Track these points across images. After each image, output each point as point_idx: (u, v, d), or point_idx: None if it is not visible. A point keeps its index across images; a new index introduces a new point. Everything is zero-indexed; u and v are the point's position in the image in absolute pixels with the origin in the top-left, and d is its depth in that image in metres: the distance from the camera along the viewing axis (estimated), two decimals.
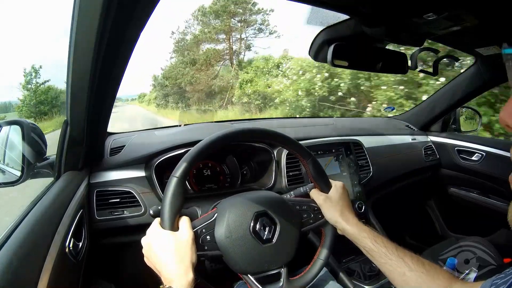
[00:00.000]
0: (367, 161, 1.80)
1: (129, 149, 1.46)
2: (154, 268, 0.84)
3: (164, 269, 0.79)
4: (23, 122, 1.11)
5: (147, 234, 0.86)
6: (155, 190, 1.30)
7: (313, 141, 1.66)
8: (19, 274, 0.71)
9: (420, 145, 2.25)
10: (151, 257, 0.83)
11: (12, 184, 1.11)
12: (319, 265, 1.02)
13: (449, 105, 2.14)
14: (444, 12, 0.80)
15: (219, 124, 2.05)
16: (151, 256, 0.84)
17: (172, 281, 0.77)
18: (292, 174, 1.53)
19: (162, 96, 26.31)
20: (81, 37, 0.71)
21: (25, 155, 1.11)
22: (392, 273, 0.90)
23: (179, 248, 0.80)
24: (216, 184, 1.53)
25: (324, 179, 1.07)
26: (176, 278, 0.77)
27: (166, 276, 0.79)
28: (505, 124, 0.41)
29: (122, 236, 1.31)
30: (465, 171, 2.14)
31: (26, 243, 0.78)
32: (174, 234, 0.82)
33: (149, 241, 0.85)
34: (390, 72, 1.07)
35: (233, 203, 0.95)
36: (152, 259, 0.83)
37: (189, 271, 0.79)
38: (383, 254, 0.92)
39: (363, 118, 3.66)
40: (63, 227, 0.93)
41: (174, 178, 0.86)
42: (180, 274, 0.77)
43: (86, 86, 0.85)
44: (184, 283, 0.77)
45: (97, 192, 1.25)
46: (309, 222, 1.03)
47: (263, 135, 1.04)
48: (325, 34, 0.94)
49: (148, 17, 0.69)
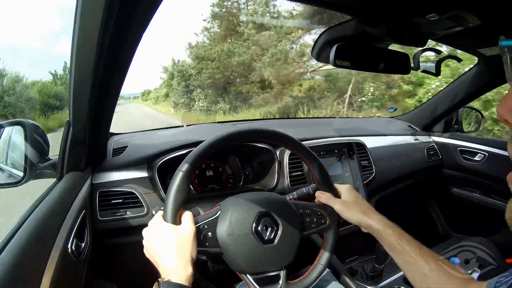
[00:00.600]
0: (369, 161, 1.80)
1: (132, 149, 1.46)
2: (152, 260, 0.84)
3: (163, 262, 0.79)
4: (25, 123, 1.11)
5: (149, 225, 0.86)
6: (158, 191, 1.30)
7: (315, 141, 1.66)
8: (22, 275, 0.71)
9: (422, 146, 2.25)
10: (151, 248, 0.83)
11: (14, 185, 1.12)
12: (319, 270, 1.02)
13: (452, 105, 2.13)
14: (446, 13, 0.79)
15: (222, 124, 2.05)
16: (151, 247, 0.84)
17: (170, 274, 0.76)
18: (294, 175, 1.53)
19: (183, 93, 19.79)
20: (84, 37, 0.71)
21: (28, 155, 1.11)
22: (414, 273, 0.89)
23: (180, 242, 0.80)
24: (218, 184, 1.53)
25: (328, 183, 1.07)
26: (175, 272, 0.76)
27: (164, 269, 0.78)
28: (503, 119, 0.41)
29: (125, 237, 1.31)
30: (467, 171, 2.14)
31: (29, 244, 0.78)
32: (176, 227, 0.82)
33: (150, 232, 0.85)
34: (392, 72, 1.07)
35: (237, 202, 0.95)
36: (152, 251, 0.83)
37: (189, 265, 0.78)
38: (406, 253, 0.90)
39: (366, 119, 3.66)
40: (66, 228, 0.93)
41: (180, 172, 0.86)
42: (179, 268, 0.77)
43: (88, 87, 0.85)
44: (183, 277, 0.76)
45: (99, 192, 1.25)
46: (311, 226, 1.02)
47: (272, 136, 1.04)
48: (327, 35, 0.94)
49: (151, 16, 0.69)
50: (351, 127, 2.27)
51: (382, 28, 0.90)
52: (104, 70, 0.81)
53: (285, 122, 2.52)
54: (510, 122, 0.39)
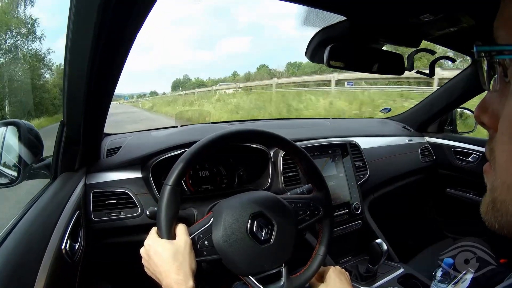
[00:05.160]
0: (363, 162, 1.81)
1: (126, 150, 1.46)
2: (154, 277, 0.84)
3: (163, 278, 0.79)
4: (19, 123, 1.11)
5: (145, 244, 0.86)
6: (152, 191, 1.29)
7: (309, 142, 1.66)
8: (16, 275, 0.71)
9: (416, 146, 2.26)
10: (151, 266, 0.84)
11: (8, 185, 1.11)
12: (319, 261, 1.02)
13: (446, 106, 2.15)
14: (440, 13, 0.80)
15: (215, 125, 2.04)
16: (150, 265, 0.84)
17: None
18: (288, 175, 1.54)
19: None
20: (78, 36, 0.71)
21: (22, 156, 1.11)
22: None
23: (177, 256, 0.80)
24: (212, 185, 1.53)
25: (318, 177, 1.08)
26: (176, 286, 0.77)
27: (166, 285, 0.79)
28: (480, 121, 0.41)
29: (119, 237, 1.31)
30: (461, 172, 2.15)
31: (23, 244, 0.78)
32: (171, 242, 0.82)
33: (147, 251, 0.85)
34: (387, 73, 1.08)
35: (228, 205, 0.95)
36: (152, 268, 0.84)
37: (189, 278, 0.78)
38: None
39: (360, 119, 3.66)
40: (60, 228, 0.93)
41: (167, 186, 0.85)
42: (179, 282, 0.77)
43: (82, 86, 0.85)
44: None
45: (93, 193, 1.25)
46: (305, 219, 1.03)
47: (253, 136, 1.04)
48: (321, 35, 0.95)
49: (146, 15, 0.69)
50: (345, 127, 2.28)
51: (376, 28, 0.91)
52: (98, 70, 0.81)
53: (278, 123, 2.52)
54: (487, 124, 0.40)
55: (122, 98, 64.23)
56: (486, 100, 0.41)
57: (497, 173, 0.37)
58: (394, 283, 1.47)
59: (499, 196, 0.36)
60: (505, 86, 0.36)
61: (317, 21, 0.90)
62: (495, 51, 0.38)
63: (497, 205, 0.37)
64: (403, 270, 1.57)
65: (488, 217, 0.39)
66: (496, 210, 0.37)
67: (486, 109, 0.40)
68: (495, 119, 0.38)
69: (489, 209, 0.38)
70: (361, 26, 0.90)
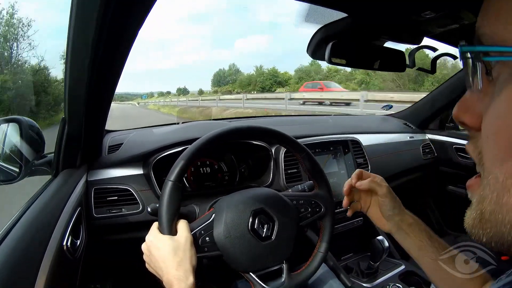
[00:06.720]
0: (365, 159, 1.80)
1: (127, 147, 1.46)
2: (155, 273, 0.84)
3: (164, 273, 0.80)
4: (21, 120, 1.11)
5: (146, 240, 0.87)
6: (153, 188, 1.30)
7: (310, 139, 1.66)
8: (17, 272, 0.71)
9: (418, 143, 2.26)
10: (152, 262, 0.84)
11: (10, 182, 1.11)
12: (320, 258, 1.03)
13: (447, 103, 2.15)
14: (442, 10, 0.80)
15: (216, 122, 2.04)
16: (151, 261, 0.84)
17: (172, 285, 0.77)
18: (290, 172, 1.53)
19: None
20: (79, 33, 0.70)
21: (23, 152, 1.10)
22: (438, 271, 0.87)
23: (178, 252, 0.80)
24: (214, 182, 1.53)
25: (319, 174, 1.08)
26: (176, 283, 0.77)
27: (166, 280, 0.79)
28: (459, 121, 0.40)
29: (120, 234, 1.31)
30: (463, 169, 2.14)
31: (24, 241, 0.78)
32: (172, 238, 0.83)
33: (148, 247, 0.85)
34: (388, 70, 1.07)
35: (230, 202, 0.95)
36: (153, 264, 0.84)
37: (189, 274, 0.79)
38: (436, 251, 0.89)
39: (361, 116, 3.65)
40: (61, 225, 0.93)
41: (169, 182, 0.86)
42: (180, 278, 0.77)
43: (84, 83, 0.85)
44: (184, 287, 0.77)
45: (95, 189, 1.25)
46: (307, 216, 1.03)
47: (255, 133, 1.04)
48: (323, 32, 0.94)
49: (148, 12, 0.69)
50: (346, 124, 2.27)
51: (377, 25, 0.91)
52: (99, 67, 0.81)
53: (279, 119, 2.51)
54: (468, 124, 0.39)
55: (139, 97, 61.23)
56: (466, 99, 0.39)
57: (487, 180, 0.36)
58: (395, 280, 1.47)
59: (488, 206, 0.35)
60: (489, 85, 0.35)
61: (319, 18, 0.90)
62: (481, 52, 0.37)
63: (486, 216, 0.35)
64: (404, 267, 1.57)
65: (475, 230, 0.37)
66: (485, 222, 0.35)
67: (467, 108, 0.38)
68: (477, 119, 0.36)
69: (476, 222, 0.37)
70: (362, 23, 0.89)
